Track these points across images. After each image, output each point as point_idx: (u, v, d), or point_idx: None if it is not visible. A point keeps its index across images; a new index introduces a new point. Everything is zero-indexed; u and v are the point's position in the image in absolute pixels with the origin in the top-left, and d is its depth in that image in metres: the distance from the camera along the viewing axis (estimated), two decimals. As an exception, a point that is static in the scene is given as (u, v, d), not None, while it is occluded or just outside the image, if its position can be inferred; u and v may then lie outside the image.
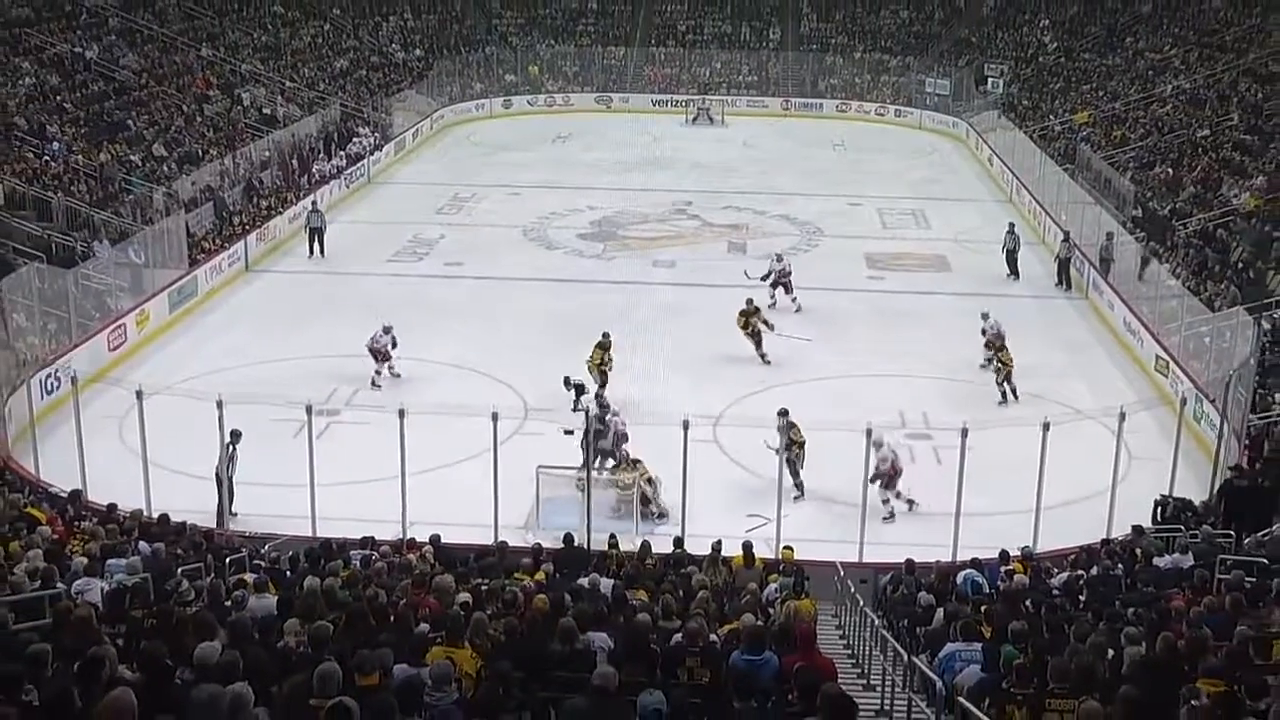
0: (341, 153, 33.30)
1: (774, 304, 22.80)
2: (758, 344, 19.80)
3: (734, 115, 44.20)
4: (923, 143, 41.09)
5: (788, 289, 23.16)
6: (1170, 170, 28.87)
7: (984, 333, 19.47)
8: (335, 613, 8.07)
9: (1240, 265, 22.54)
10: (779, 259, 23.53)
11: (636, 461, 15.15)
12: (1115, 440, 13.87)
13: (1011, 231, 25.70)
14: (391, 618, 8.22)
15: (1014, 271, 25.31)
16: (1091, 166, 30.44)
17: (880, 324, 22.50)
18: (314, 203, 27.27)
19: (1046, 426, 13.30)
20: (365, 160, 33.97)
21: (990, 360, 18.97)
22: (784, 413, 15.25)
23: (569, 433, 14.31)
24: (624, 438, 15.73)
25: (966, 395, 18.73)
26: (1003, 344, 18.72)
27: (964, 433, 13.24)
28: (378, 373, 19.24)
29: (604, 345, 18.12)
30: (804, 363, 20.11)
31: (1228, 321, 18.10)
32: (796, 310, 22.72)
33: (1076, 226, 26.41)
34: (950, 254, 27.49)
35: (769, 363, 18.83)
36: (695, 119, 43.82)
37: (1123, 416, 13.70)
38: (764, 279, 23.05)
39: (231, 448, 14.49)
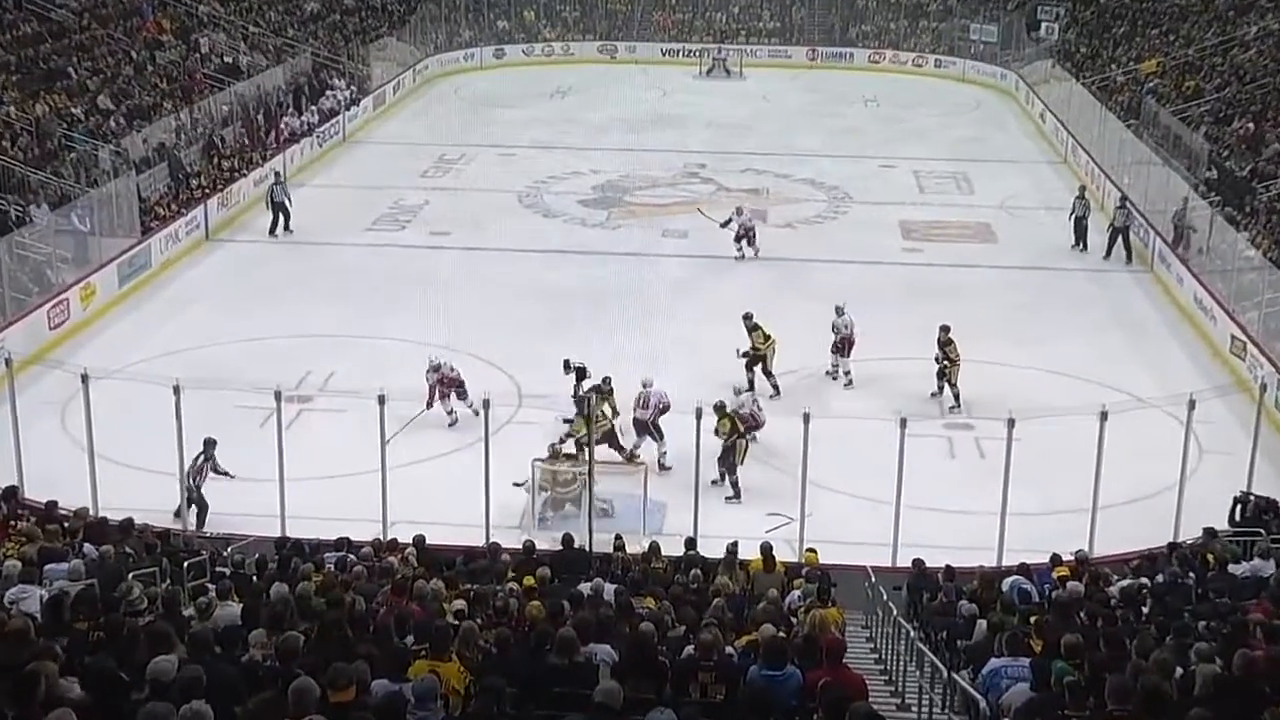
0: (313, 108, 33.22)
1: (741, 256, 23.82)
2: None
3: (753, 67, 44.08)
4: (966, 97, 40.94)
5: (750, 240, 24.02)
6: (1251, 125, 28.54)
7: (835, 330, 18.57)
8: (307, 623, 8.08)
9: (1330, 233, 22.31)
10: (739, 212, 24.20)
11: (572, 455, 15.13)
12: (1184, 431, 13.83)
13: (1081, 197, 25.56)
14: (370, 628, 8.22)
15: (1081, 242, 25.17)
16: (1159, 122, 30.20)
17: (915, 302, 22.43)
18: (277, 174, 27.14)
19: (1104, 416, 13.27)
20: (340, 117, 33.94)
21: (940, 362, 17.94)
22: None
23: (518, 485, 14.52)
24: (660, 410, 16.01)
25: (1012, 381, 18.69)
26: (948, 338, 17.88)
27: (1010, 423, 13.23)
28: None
29: (602, 391, 16.24)
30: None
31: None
32: (752, 255, 23.97)
33: (1141, 191, 26.28)
34: (996, 222, 27.43)
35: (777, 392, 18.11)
36: (710, 71, 43.68)
37: (1192, 404, 13.66)
38: (724, 225, 24.16)
39: (201, 458, 14.40)
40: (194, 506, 14.45)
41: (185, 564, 11.18)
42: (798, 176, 30.91)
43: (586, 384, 16.52)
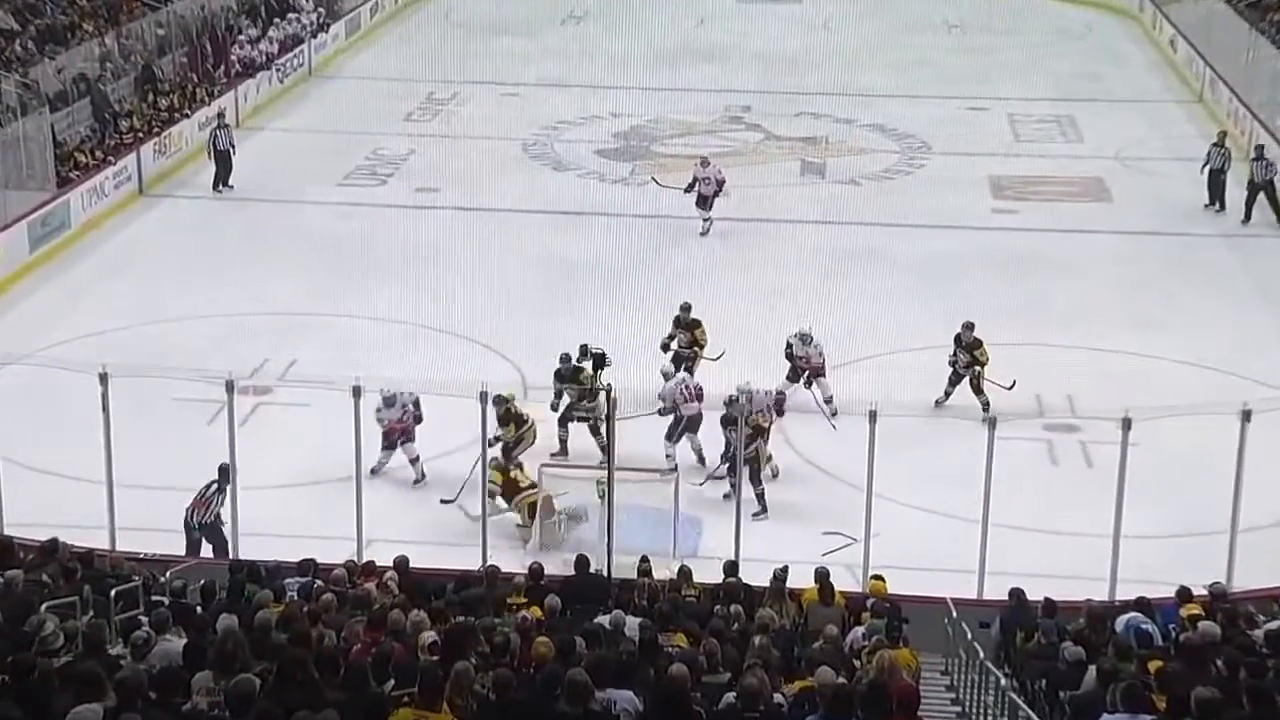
0: (271, 34, 33.26)
1: (708, 227, 23.92)
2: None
3: (811, -14, 43.92)
4: (1075, 20, 40.64)
5: (709, 200, 23.96)
6: None
7: (792, 355, 17.87)
8: (264, 662, 8.07)
9: None
10: (704, 164, 24.06)
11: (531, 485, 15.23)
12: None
13: (1220, 144, 25.29)
14: (342, 668, 8.23)
15: (1218, 200, 24.98)
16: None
17: (1008, 275, 22.34)
18: (221, 115, 27.18)
19: (1247, 415, 13.15)
20: (305, 45, 34.00)
21: (968, 369, 17.75)
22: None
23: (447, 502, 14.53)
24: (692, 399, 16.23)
25: (1129, 373, 18.58)
26: (975, 337, 17.70)
27: (1126, 424, 13.14)
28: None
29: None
30: (901, 328, 19.98)
31: None
32: (705, 224, 23.77)
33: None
34: (1110, 177, 27.28)
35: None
36: (758, -9, 43.54)
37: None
38: (688, 190, 24.05)
39: (214, 489, 14.19)
40: (199, 546, 14.26)
41: (113, 592, 11.20)
42: (863, 122, 30.80)
43: (605, 375, 16.55)
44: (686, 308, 18.38)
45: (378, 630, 9.44)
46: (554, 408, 16.53)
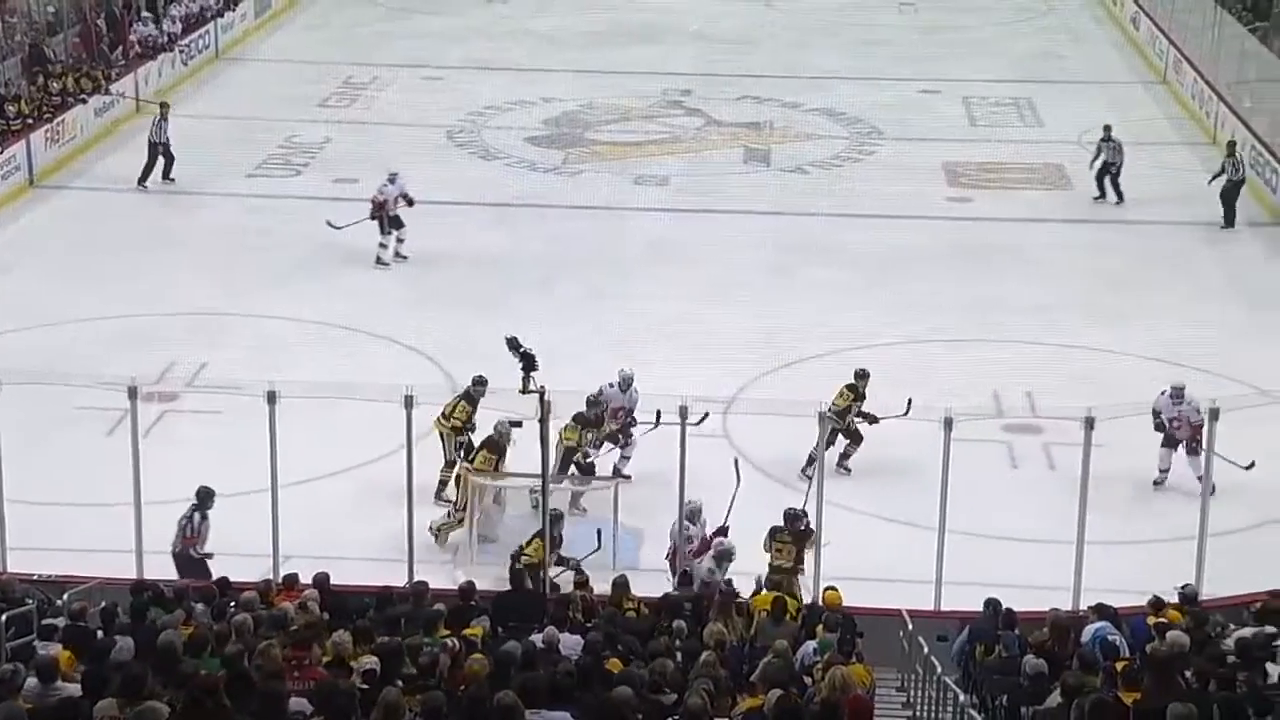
0: (173, 12, 32.97)
1: (399, 249, 22.35)
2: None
3: (754, -39, 44.09)
4: (1033, -2, 41.06)
5: (396, 223, 22.31)
6: None
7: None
8: (172, 691, 8.01)
9: None
10: (392, 180, 22.53)
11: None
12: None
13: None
14: (257, 694, 8.20)
15: (1107, 193, 25.16)
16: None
17: (964, 266, 22.54)
18: (164, 104, 26.75)
19: (1215, 414, 13.29)
20: (211, 25, 33.75)
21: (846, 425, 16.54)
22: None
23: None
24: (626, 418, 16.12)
25: (1094, 370, 18.79)
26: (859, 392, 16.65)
27: (1089, 423, 13.24)
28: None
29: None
30: (853, 325, 20.12)
31: None
32: (390, 254, 22.21)
33: (1269, 118, 26.28)
34: (1071, 163, 27.49)
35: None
36: (697, -33, 43.64)
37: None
38: (374, 216, 22.21)
39: (197, 516, 13.99)
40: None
41: (3, 616, 11.10)
42: (811, 106, 30.96)
43: (537, 377, 16.53)
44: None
45: (298, 651, 9.40)
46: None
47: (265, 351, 18.99)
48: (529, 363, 16.79)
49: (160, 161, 25.54)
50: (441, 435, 15.96)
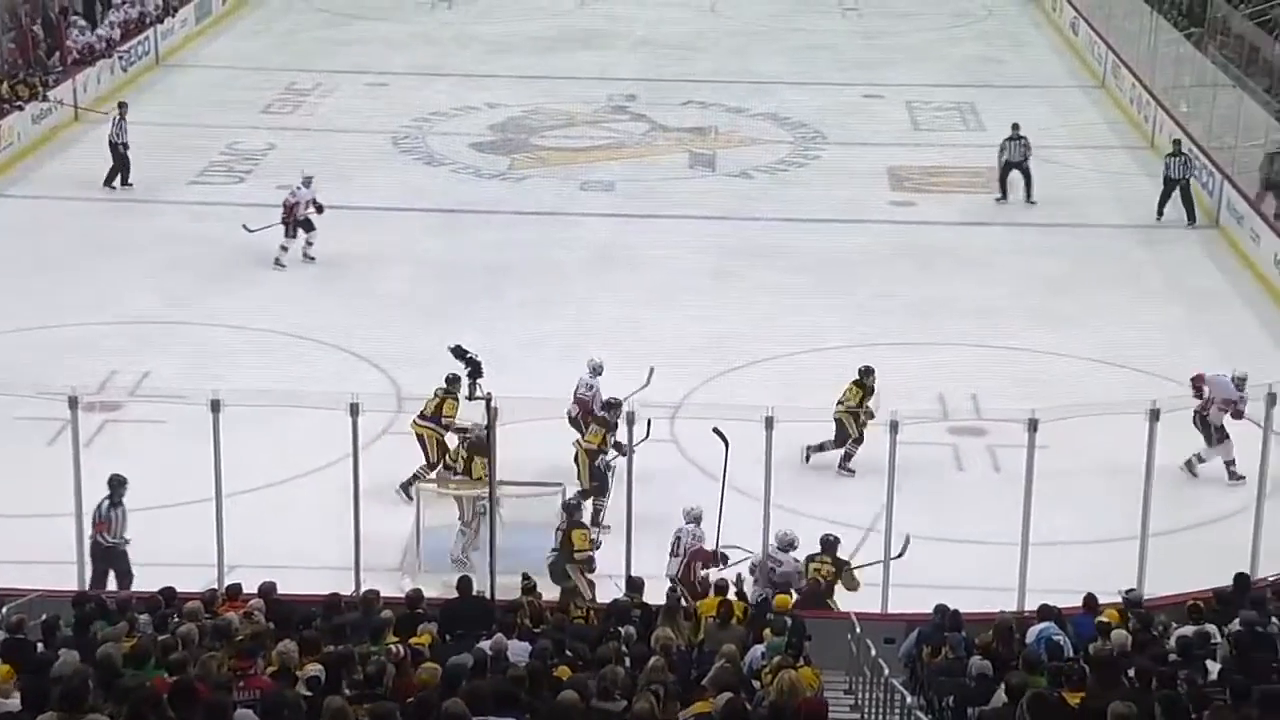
0: (111, 17, 32.68)
1: (309, 250, 22.39)
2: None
3: (698, -33, 44.17)
4: (974, 3, 41.24)
5: (307, 225, 22.38)
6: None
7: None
8: (114, 703, 7.94)
9: None
10: (306, 184, 22.56)
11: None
12: (1262, 434, 14.02)
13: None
14: (201, 705, 8.13)
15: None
16: (1230, 30, 30.45)
17: (909, 270, 22.65)
18: (122, 105, 26.52)
19: (1155, 414, 13.39)
20: (151, 31, 33.48)
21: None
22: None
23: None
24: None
25: (1037, 372, 18.91)
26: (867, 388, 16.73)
27: (1032, 425, 13.34)
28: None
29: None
30: (799, 329, 20.19)
31: None
32: (298, 253, 22.32)
33: (1205, 122, 26.56)
34: (1012, 167, 27.72)
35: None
36: (642, -28, 43.70)
37: (1273, 399, 13.83)
38: (285, 220, 22.21)
39: (107, 505, 13.88)
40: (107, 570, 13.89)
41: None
42: (755, 111, 31.02)
43: (483, 384, 16.51)
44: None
45: (243, 662, 9.35)
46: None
47: (209, 360, 18.85)
48: (475, 369, 16.77)
49: (119, 163, 25.46)
50: (422, 438, 15.94)
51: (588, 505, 15.36)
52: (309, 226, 22.34)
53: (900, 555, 13.65)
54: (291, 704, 7.72)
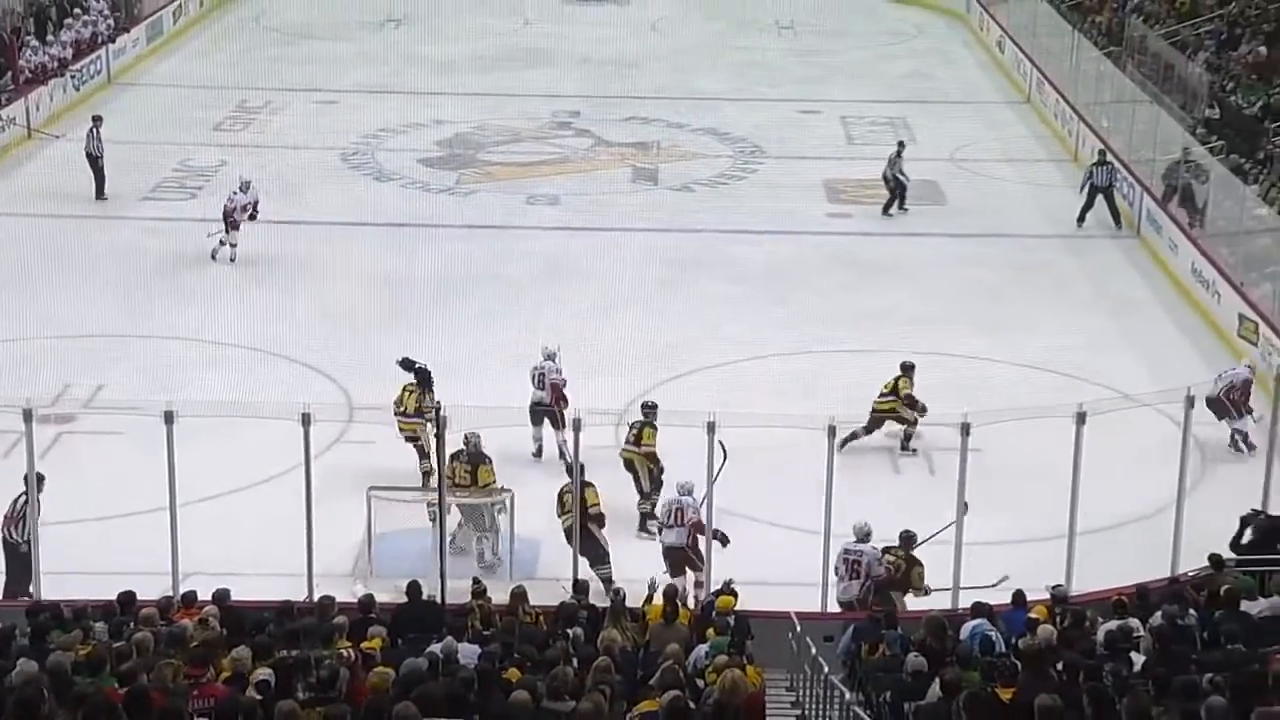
0: (63, 37, 32.33)
1: (232, 253, 22.87)
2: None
3: (639, -13, 44.26)
4: (905, 22, 41.55)
5: (235, 226, 22.91)
6: (1263, 50, 29.16)
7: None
8: (69, 710, 7.89)
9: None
10: (244, 189, 23.14)
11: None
12: (1182, 435, 14.14)
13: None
14: (156, 711, 8.07)
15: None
16: (1147, 49, 30.85)
17: (846, 279, 22.74)
18: (96, 119, 26.29)
19: (1082, 418, 13.51)
20: (103, 50, 33.18)
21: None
22: None
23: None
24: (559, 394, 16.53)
25: (969, 378, 19.02)
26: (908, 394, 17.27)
27: (964, 429, 13.41)
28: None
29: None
30: (741, 337, 20.24)
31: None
32: (228, 254, 22.82)
33: (1125, 136, 26.83)
34: (944, 179, 27.90)
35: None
36: (584, -7, 43.76)
37: (1191, 402, 13.98)
38: (227, 217, 22.80)
39: (23, 501, 13.73)
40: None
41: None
42: (696, 126, 31.11)
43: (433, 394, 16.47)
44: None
45: (198, 668, 9.28)
46: None
47: (163, 372, 18.71)
48: (424, 380, 16.72)
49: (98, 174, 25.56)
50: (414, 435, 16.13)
51: (644, 506, 15.60)
52: (234, 226, 22.79)
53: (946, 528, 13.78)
54: (246, 709, 7.66)
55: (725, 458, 13.97)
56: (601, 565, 14.35)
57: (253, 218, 22.76)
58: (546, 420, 16.91)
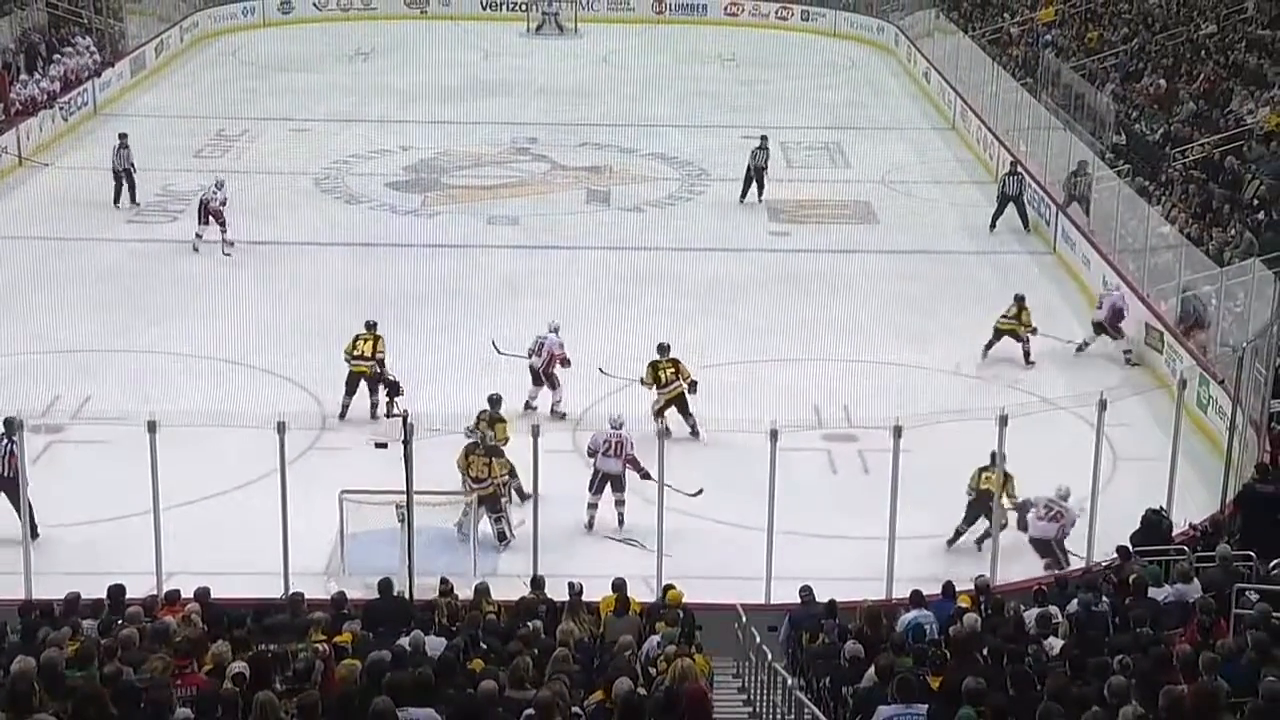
0: (52, 71, 32.11)
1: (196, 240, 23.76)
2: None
3: (590, 21, 44.24)
4: (839, 54, 41.77)
5: (219, 219, 23.74)
6: (1163, 82, 29.62)
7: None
8: (59, 702, 7.85)
9: (1256, 204, 22.96)
10: (219, 186, 24.06)
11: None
12: (1095, 436, 14.27)
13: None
14: (141, 703, 8.02)
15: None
16: (1059, 80, 31.25)
17: (787, 294, 22.81)
18: (123, 136, 26.59)
19: (1004, 420, 13.64)
20: (90, 84, 32.95)
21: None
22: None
23: (381, 446, 14.12)
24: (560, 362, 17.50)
25: (901, 384, 19.12)
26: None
27: (897, 432, 13.50)
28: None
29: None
30: (688, 347, 20.21)
31: (1240, 278, 18.52)
32: (227, 253, 23.59)
33: (1040, 160, 27.11)
34: (877, 199, 28.06)
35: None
36: (540, 28, 43.70)
37: (1103, 405, 14.11)
38: (202, 214, 23.65)
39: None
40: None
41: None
42: (645, 151, 31.17)
43: (400, 402, 16.44)
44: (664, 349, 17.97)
45: (182, 662, 9.24)
46: None
47: (147, 385, 18.58)
48: (393, 389, 16.68)
49: (124, 185, 25.98)
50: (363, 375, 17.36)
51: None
52: (220, 218, 23.51)
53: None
54: (226, 699, 7.62)
55: (699, 492, 14.49)
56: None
57: (221, 205, 23.68)
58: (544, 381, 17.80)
